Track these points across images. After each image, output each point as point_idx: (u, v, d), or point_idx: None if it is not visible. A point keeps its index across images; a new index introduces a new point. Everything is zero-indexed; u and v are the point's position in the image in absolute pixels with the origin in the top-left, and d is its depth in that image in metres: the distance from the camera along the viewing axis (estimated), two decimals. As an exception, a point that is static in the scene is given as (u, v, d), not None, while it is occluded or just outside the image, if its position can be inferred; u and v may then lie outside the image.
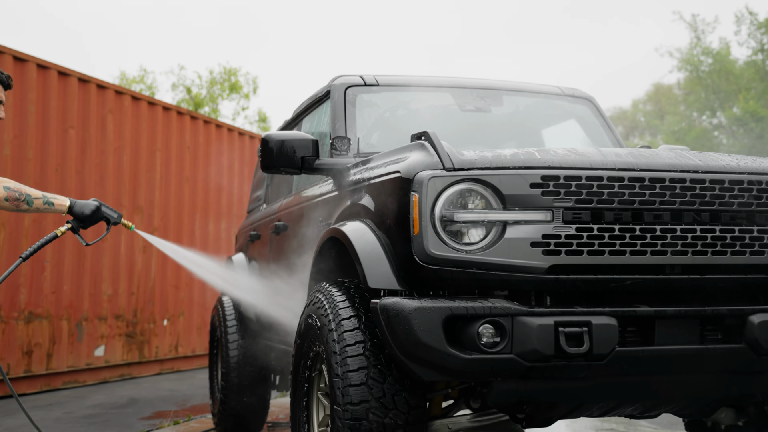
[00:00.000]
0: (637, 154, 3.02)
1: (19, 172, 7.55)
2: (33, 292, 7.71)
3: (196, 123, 10.19)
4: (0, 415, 6.49)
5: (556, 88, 4.75)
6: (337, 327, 3.05)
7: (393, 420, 2.92)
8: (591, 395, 2.99)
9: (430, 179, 2.84)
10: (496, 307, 2.76)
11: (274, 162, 3.82)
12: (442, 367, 2.78)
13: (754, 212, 3.02)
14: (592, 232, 2.85)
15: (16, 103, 7.52)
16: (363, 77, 4.42)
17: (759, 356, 2.95)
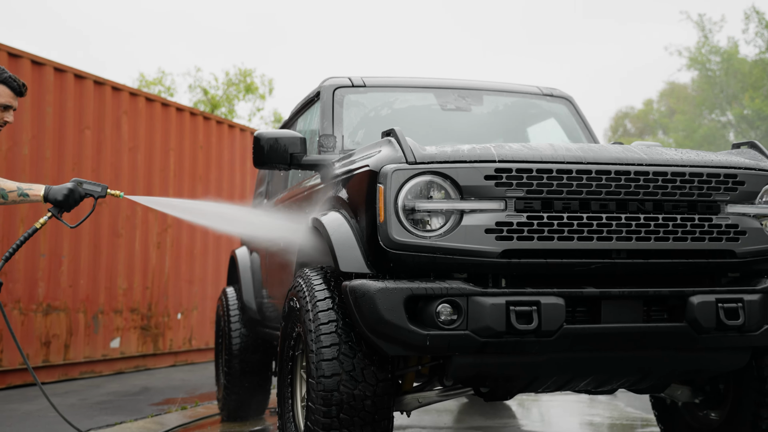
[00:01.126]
0: (586, 149, 3.29)
1: (38, 170, 7.90)
2: (51, 285, 8.07)
3: (209, 123, 10.53)
4: (19, 401, 6.85)
5: (535, 87, 5.01)
6: (312, 308, 3.34)
7: (362, 392, 3.21)
8: (544, 369, 3.26)
9: (394, 172, 3.12)
10: (453, 288, 3.04)
11: (265, 158, 4.11)
12: (405, 342, 3.06)
13: (696, 201, 3.28)
14: (542, 220, 3.13)
15: (34, 104, 7.87)
16: (351, 79, 4.71)
17: (699, 334, 3.21)
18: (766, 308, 3.29)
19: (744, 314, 3.23)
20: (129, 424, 5.80)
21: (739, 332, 3.25)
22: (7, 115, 3.86)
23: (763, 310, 3.27)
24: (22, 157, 7.73)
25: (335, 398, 3.19)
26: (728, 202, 3.33)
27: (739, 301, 3.23)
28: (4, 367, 7.56)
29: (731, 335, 3.26)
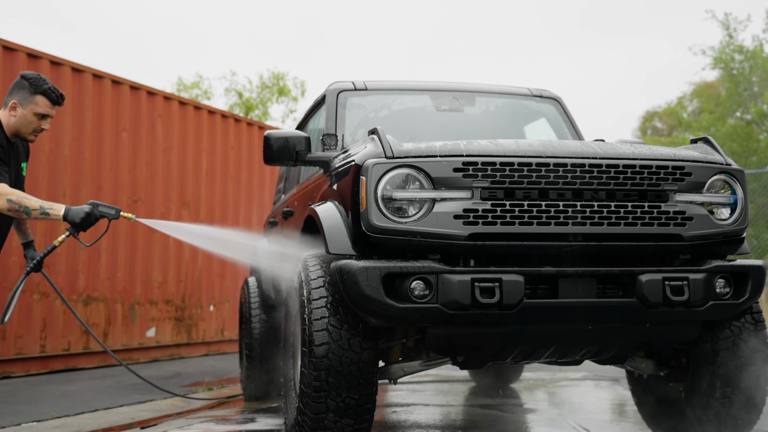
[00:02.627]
0: (546, 144, 3.70)
1: (77, 170, 8.49)
2: (90, 277, 8.64)
3: (239, 125, 11.07)
4: (60, 383, 7.42)
5: (525, 89, 5.42)
6: (307, 286, 3.80)
7: (348, 359, 3.65)
8: (509, 340, 3.67)
9: (374, 165, 3.57)
10: (425, 266, 3.48)
11: (274, 156, 4.58)
12: (383, 314, 3.50)
13: (646, 191, 3.68)
14: (505, 207, 3.55)
15: (74, 108, 8.46)
16: (354, 83, 5.16)
17: (647, 308, 3.60)
18: (710, 286, 3.67)
19: (689, 291, 3.61)
20: (158, 402, 6.31)
21: (685, 307, 3.63)
22: (44, 123, 4.26)
23: (707, 288, 3.65)
24: (63, 158, 8.31)
25: (324, 364, 3.63)
26: (676, 191, 3.71)
27: (684, 280, 3.62)
28: (48, 353, 8.15)
29: (678, 310, 3.64)
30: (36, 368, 8.05)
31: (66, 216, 4.11)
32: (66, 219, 4.11)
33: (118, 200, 9.01)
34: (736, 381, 4.03)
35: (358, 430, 3.74)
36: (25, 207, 3.99)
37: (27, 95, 4.18)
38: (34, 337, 8.00)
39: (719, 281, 3.72)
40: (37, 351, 8.04)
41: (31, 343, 7.98)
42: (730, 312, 3.76)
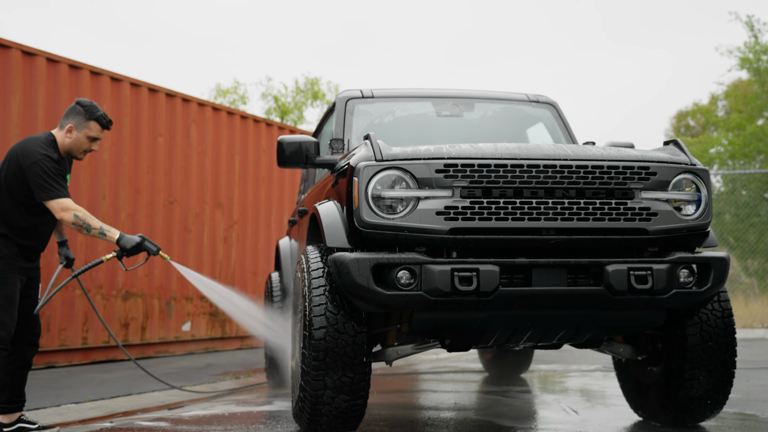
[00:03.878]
0: (522, 147, 4.08)
1: (116, 173, 9.04)
2: (129, 274, 9.18)
3: (271, 129, 11.57)
4: (99, 372, 7.96)
5: (523, 95, 5.79)
6: (309, 276, 4.23)
7: (343, 341, 4.07)
8: (488, 324, 4.06)
9: (365, 167, 3.98)
10: (409, 258, 3.88)
11: (286, 159, 5.02)
12: (373, 301, 3.91)
13: (613, 189, 4.04)
14: (483, 204, 3.94)
15: (113, 115, 9.00)
16: (362, 91, 5.59)
17: (614, 296, 3.96)
18: (673, 276, 4.01)
19: (652, 280, 3.96)
20: (188, 387, 6.79)
21: (650, 295, 3.98)
22: (93, 145, 4.69)
23: (670, 278, 3.99)
24: (102, 162, 8.87)
25: (322, 346, 4.05)
26: (642, 189, 4.06)
27: (648, 270, 3.97)
28: (89, 345, 8.71)
29: (643, 297, 3.99)
30: (78, 359, 8.61)
31: (119, 240, 4.52)
32: (118, 243, 4.53)
33: (155, 201, 9.55)
34: (704, 364, 4.37)
35: (354, 405, 4.15)
36: (87, 225, 4.41)
37: (82, 120, 4.58)
38: (76, 330, 8.55)
39: (683, 271, 4.06)
40: (79, 343, 8.59)
41: (74, 336, 8.54)
42: (694, 300, 4.09)
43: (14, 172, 4.35)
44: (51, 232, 4.64)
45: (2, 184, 4.38)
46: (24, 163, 4.33)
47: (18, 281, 4.38)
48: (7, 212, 4.35)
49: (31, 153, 4.34)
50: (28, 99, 8.06)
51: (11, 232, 4.35)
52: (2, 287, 4.29)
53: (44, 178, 4.31)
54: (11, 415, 4.50)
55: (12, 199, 4.37)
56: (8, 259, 4.32)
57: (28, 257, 4.47)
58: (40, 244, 4.54)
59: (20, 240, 4.38)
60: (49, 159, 4.35)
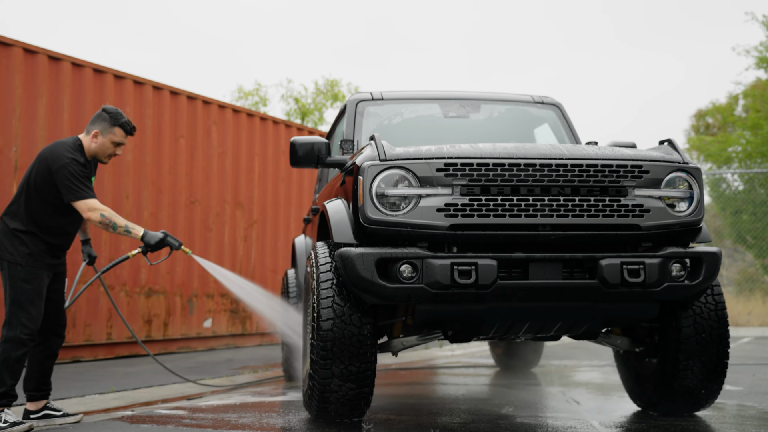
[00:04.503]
0: (519, 147, 4.27)
1: (139, 174, 9.32)
2: (151, 271, 9.46)
3: (290, 130, 11.82)
4: (123, 366, 8.23)
5: (528, 96, 5.97)
6: (317, 270, 4.44)
7: (350, 332, 4.28)
8: (487, 316, 4.25)
9: (369, 167, 4.19)
10: (411, 252, 4.08)
11: (299, 159, 5.23)
12: (377, 293, 4.11)
13: (607, 186, 4.21)
14: (481, 201, 4.13)
15: (136, 118, 9.28)
16: (372, 93, 5.80)
17: (608, 289, 4.13)
18: (665, 270, 4.18)
19: (645, 274, 4.13)
20: (207, 380, 7.03)
21: (642, 288, 4.15)
22: (118, 150, 4.92)
23: (662, 271, 4.16)
24: (126, 163, 9.15)
25: (329, 336, 4.27)
26: (635, 187, 4.24)
27: (641, 264, 4.14)
28: (113, 340, 8.99)
29: (636, 290, 4.16)
30: (103, 354, 8.89)
31: (143, 237, 4.79)
32: (143, 239, 4.80)
33: (177, 201, 9.82)
34: (698, 355, 4.54)
35: (360, 393, 4.36)
36: (113, 223, 4.67)
37: (107, 126, 4.82)
38: (100, 326, 8.84)
39: (675, 265, 4.23)
40: (104, 338, 8.88)
41: (98, 331, 8.82)
42: (686, 293, 4.25)
43: (43, 175, 4.60)
44: (76, 231, 4.88)
45: (31, 186, 4.63)
46: (53, 166, 4.58)
47: (45, 276, 4.62)
48: (36, 212, 4.60)
49: (60, 157, 4.59)
50: (54, 103, 8.35)
51: (39, 231, 4.60)
52: (30, 282, 4.54)
53: (72, 180, 4.55)
54: (38, 402, 4.76)
55: (40, 199, 4.62)
56: (36, 255, 4.57)
57: (54, 254, 4.71)
58: (66, 242, 4.78)
59: (48, 238, 4.62)
60: (76, 162, 4.60)
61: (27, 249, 4.53)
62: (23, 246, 4.53)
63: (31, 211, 4.61)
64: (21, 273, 4.51)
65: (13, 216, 4.62)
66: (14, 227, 4.56)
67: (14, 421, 4.45)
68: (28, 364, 4.74)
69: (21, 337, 4.47)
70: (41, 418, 4.73)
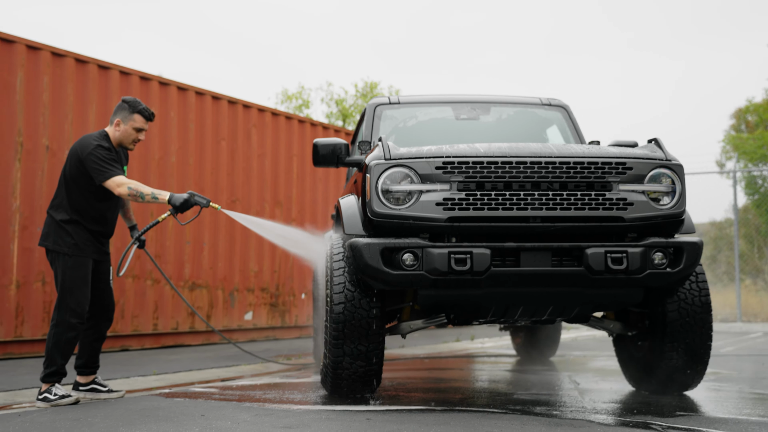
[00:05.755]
0: (513, 147, 4.68)
1: (183, 175, 9.89)
2: (194, 267, 10.04)
3: (327, 132, 12.32)
4: (167, 354, 8.80)
5: (536, 98, 6.37)
6: (332, 258, 4.91)
7: (359, 315, 4.74)
8: (483, 300, 4.67)
9: (375, 165, 4.64)
10: (412, 242, 4.53)
11: (321, 159, 5.70)
12: (382, 280, 4.56)
13: (593, 182, 4.61)
14: (476, 196, 4.55)
15: (179, 122, 9.87)
16: (389, 98, 6.25)
17: (593, 275, 4.52)
18: (647, 258, 4.55)
19: (627, 261, 4.51)
20: (243, 366, 7.56)
21: (625, 274, 4.53)
22: (140, 135, 5.45)
23: (644, 259, 4.54)
24: (170, 164, 9.73)
25: (341, 319, 4.73)
26: (620, 182, 4.62)
27: (623, 252, 4.52)
28: (159, 331, 9.58)
29: (619, 277, 4.54)
30: (150, 343, 9.49)
31: (170, 200, 5.22)
32: (169, 202, 5.23)
33: (218, 200, 10.38)
34: (682, 338, 4.91)
35: (369, 371, 4.82)
36: (140, 192, 5.14)
37: (127, 114, 5.36)
38: (147, 317, 9.43)
39: (657, 254, 4.60)
40: (150, 329, 9.47)
41: (145, 322, 9.41)
42: (668, 279, 4.62)
43: (75, 166, 5.12)
44: (115, 216, 5.38)
45: (68, 178, 5.16)
46: (82, 155, 5.10)
47: (90, 264, 5.15)
48: (76, 201, 5.13)
49: (87, 145, 5.12)
50: (103, 109, 8.95)
51: (82, 219, 5.12)
52: (77, 270, 5.08)
53: (99, 163, 5.06)
54: (87, 377, 5.30)
55: (78, 189, 5.14)
56: (81, 245, 5.10)
57: (99, 241, 5.23)
58: (107, 229, 5.29)
59: (90, 225, 5.15)
60: (101, 147, 5.11)
61: (72, 239, 5.06)
62: (68, 237, 5.07)
63: (72, 201, 5.13)
64: (68, 262, 5.05)
65: (57, 208, 5.15)
66: (60, 219, 5.10)
67: (63, 394, 5.00)
68: (80, 345, 5.29)
69: (70, 321, 5.01)
70: (89, 391, 5.27)
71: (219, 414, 4.42)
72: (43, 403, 4.91)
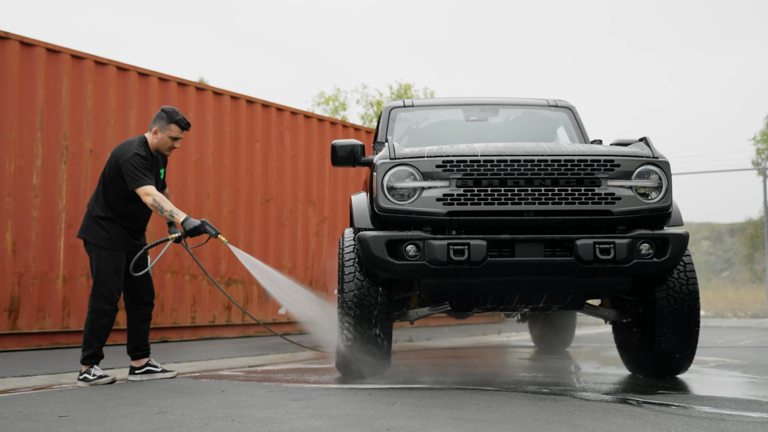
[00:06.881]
0: (508, 146, 5.05)
1: (219, 175, 10.41)
2: (230, 263, 10.54)
3: (359, 134, 12.76)
4: (204, 345, 9.30)
5: (543, 100, 6.72)
6: (343, 250, 5.34)
7: (367, 301, 5.16)
8: (481, 288, 5.05)
9: (381, 164, 5.06)
10: (415, 235, 4.93)
11: (338, 159, 6.13)
12: (387, 269, 4.97)
13: (582, 178, 4.96)
14: (474, 192, 4.94)
15: (215, 125, 10.38)
16: (404, 101, 6.66)
17: (583, 264, 4.88)
18: (634, 249, 4.89)
19: (615, 252, 4.85)
20: (272, 356, 8.02)
21: (613, 264, 4.88)
22: (176, 143, 5.89)
23: (631, 250, 4.88)
24: (206, 165, 10.25)
25: (351, 305, 5.16)
26: (608, 178, 4.97)
27: (611, 243, 4.87)
28: (197, 324, 10.10)
29: (608, 266, 4.89)
30: (188, 335, 10.01)
31: (183, 222, 5.58)
32: (182, 224, 5.59)
33: (253, 199, 10.89)
34: (671, 324, 5.24)
35: (378, 353, 5.24)
36: (162, 207, 5.58)
37: (165, 124, 5.82)
38: (185, 310, 9.96)
39: (643, 245, 4.94)
40: (188, 321, 9.99)
41: (184, 315, 9.94)
42: (654, 269, 4.95)
43: (114, 169, 5.61)
44: (146, 215, 5.83)
45: (106, 179, 5.65)
46: (120, 161, 5.58)
47: (124, 256, 5.63)
48: (111, 201, 5.61)
49: (126, 152, 5.59)
50: (143, 113, 9.50)
51: (116, 216, 5.61)
52: (110, 262, 5.56)
53: (134, 171, 5.54)
54: (140, 360, 5.78)
55: (114, 190, 5.62)
56: (115, 239, 5.58)
57: (133, 235, 5.71)
58: (139, 225, 5.77)
59: (123, 222, 5.63)
60: (138, 156, 5.58)
61: (107, 234, 5.55)
62: (104, 231, 5.56)
63: (108, 200, 5.62)
64: (102, 254, 5.54)
65: (95, 205, 5.64)
66: (96, 215, 5.59)
67: (101, 374, 5.49)
68: (127, 331, 5.77)
69: (104, 308, 5.50)
70: (144, 373, 5.75)
71: (238, 390, 4.87)
72: (83, 383, 5.41)
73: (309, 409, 4.06)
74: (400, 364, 6.56)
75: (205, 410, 4.06)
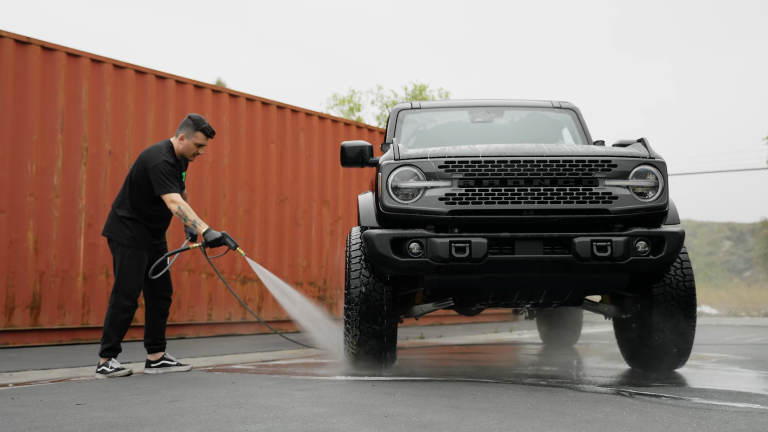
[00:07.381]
0: (509, 147, 5.22)
1: (234, 176, 10.64)
2: (246, 262, 10.75)
3: (372, 135, 12.96)
4: (220, 341, 9.53)
5: (548, 102, 6.89)
6: (350, 248, 5.53)
7: (373, 298, 5.35)
8: (483, 285, 5.23)
9: (386, 164, 5.24)
10: (418, 233, 5.11)
11: (347, 160, 6.33)
12: (391, 266, 5.16)
13: (581, 178, 5.13)
14: (475, 191, 5.12)
15: (231, 127, 10.61)
16: (411, 103, 6.85)
17: (581, 261, 5.04)
18: (630, 246, 5.05)
19: (611, 249, 5.02)
20: (284, 351, 8.23)
21: (610, 261, 5.04)
22: (200, 150, 6.09)
23: (627, 248, 5.03)
24: (223, 166, 10.49)
25: (357, 301, 5.35)
26: (606, 178, 5.13)
27: (608, 241, 5.03)
28: (213, 321, 10.33)
29: (605, 263, 5.05)
30: (204, 332, 10.25)
31: (204, 233, 5.79)
32: (204, 234, 5.79)
33: (268, 199, 11.11)
34: (667, 318, 5.39)
35: (383, 347, 5.43)
36: (185, 216, 5.78)
37: (191, 131, 6.03)
38: (202, 308, 10.19)
39: (640, 243, 5.09)
40: (205, 319, 10.22)
41: (200, 313, 10.18)
42: (650, 266, 5.10)
43: (141, 173, 5.84)
44: (169, 217, 6.07)
45: (133, 181, 5.88)
46: (148, 166, 5.80)
47: (146, 255, 5.85)
48: (137, 202, 5.84)
49: (154, 158, 5.81)
50: (161, 115, 9.74)
51: (141, 217, 5.83)
52: (133, 260, 5.78)
53: (161, 177, 5.76)
54: (156, 354, 6.01)
55: (140, 192, 5.85)
56: (138, 238, 5.80)
57: (155, 235, 5.93)
58: (162, 226, 6.00)
59: (147, 223, 5.85)
60: (166, 163, 5.80)
61: (131, 233, 5.78)
62: (128, 230, 5.78)
63: (133, 201, 5.84)
64: (126, 252, 5.76)
65: (120, 205, 5.87)
66: (121, 215, 5.82)
67: (118, 367, 5.71)
68: (145, 325, 6.00)
69: (125, 304, 5.72)
70: (159, 366, 5.97)
71: (248, 382, 5.08)
72: (101, 375, 5.64)
73: (313, 398, 4.26)
74: (407, 359, 6.75)
75: (215, 399, 4.27)
